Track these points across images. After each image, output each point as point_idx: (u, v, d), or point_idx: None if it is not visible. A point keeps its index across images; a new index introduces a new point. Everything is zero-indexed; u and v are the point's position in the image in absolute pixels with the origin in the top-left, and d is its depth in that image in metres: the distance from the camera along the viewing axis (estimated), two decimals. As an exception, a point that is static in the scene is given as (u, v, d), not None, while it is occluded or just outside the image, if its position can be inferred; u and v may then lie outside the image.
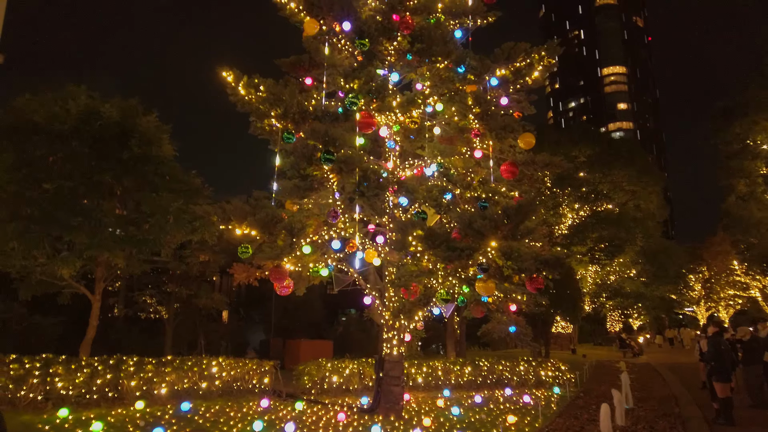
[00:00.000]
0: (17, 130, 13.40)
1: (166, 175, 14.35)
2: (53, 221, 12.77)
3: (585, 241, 34.24)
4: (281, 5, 10.88)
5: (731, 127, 29.22)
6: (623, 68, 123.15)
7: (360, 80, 9.67)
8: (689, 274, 48.52)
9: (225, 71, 10.11)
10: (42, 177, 13.16)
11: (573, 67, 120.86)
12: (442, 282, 9.36)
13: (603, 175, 35.57)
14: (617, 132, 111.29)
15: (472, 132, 10.40)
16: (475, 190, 10.58)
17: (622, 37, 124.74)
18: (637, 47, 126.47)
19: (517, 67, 11.09)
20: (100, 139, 13.55)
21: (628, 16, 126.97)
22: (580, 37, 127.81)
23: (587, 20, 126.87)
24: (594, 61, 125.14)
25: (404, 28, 9.80)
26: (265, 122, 10.33)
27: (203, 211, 9.77)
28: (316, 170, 9.29)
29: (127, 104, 14.18)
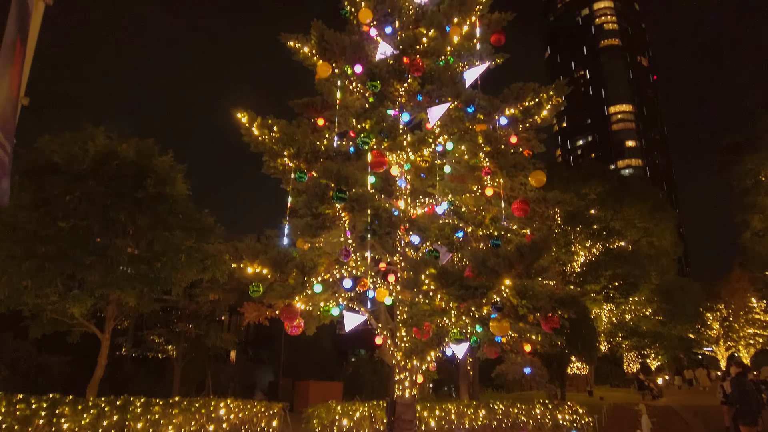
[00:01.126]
0: (37, 170, 13.75)
1: (180, 213, 14.54)
2: (67, 259, 12.90)
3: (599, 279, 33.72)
4: (295, 50, 11.25)
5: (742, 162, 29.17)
6: (630, 106, 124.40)
7: (371, 120, 9.84)
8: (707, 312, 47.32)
9: (240, 113, 10.36)
10: (58, 215, 13.40)
11: (580, 105, 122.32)
12: (455, 321, 9.20)
13: (614, 212, 35.38)
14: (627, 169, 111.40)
15: (482, 170, 10.45)
16: (486, 228, 10.54)
17: (628, 76, 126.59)
18: (642, 86, 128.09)
19: (525, 107, 11.23)
20: (116, 178, 13.84)
21: (633, 56, 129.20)
22: (586, 77, 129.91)
23: (592, 60, 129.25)
24: (600, 99, 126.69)
25: (414, 71, 10.04)
26: (278, 162, 10.49)
27: (215, 249, 9.81)
28: (328, 209, 9.34)
29: (144, 144, 14.54)
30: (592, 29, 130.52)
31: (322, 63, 10.49)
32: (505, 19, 11.90)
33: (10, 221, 12.94)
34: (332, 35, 10.30)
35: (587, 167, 44.15)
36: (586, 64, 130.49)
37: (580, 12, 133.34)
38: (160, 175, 14.20)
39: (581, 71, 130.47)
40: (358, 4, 11.32)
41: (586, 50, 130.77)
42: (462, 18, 11.52)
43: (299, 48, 11.19)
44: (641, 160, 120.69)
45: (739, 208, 30.83)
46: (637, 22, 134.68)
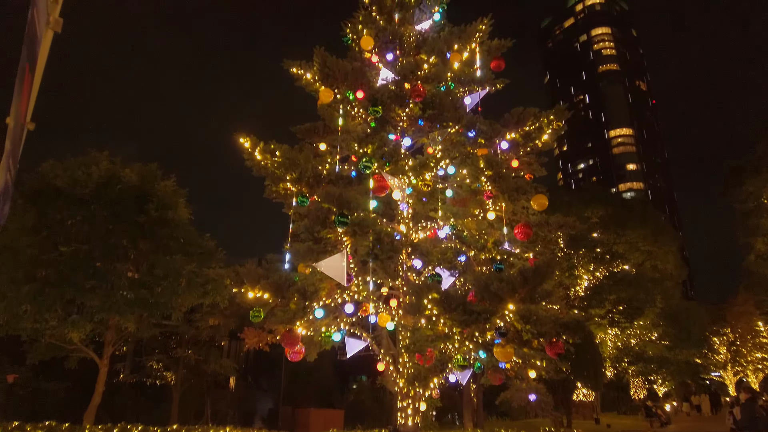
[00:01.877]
0: (40, 194, 13.80)
1: (181, 238, 14.52)
2: (67, 284, 12.84)
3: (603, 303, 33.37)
4: (298, 76, 11.39)
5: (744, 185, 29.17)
6: (630, 130, 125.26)
7: (373, 145, 9.90)
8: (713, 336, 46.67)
9: (243, 138, 10.43)
10: (60, 240, 13.39)
11: (580, 129, 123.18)
12: (458, 347, 9.07)
13: (617, 235, 35.23)
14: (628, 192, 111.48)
15: (484, 194, 10.46)
16: (489, 252, 10.48)
17: (627, 100, 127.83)
18: (642, 110, 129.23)
19: (526, 131, 11.31)
20: (118, 202, 13.87)
21: (631, 81, 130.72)
22: (586, 101, 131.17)
23: (591, 85, 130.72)
24: (600, 123, 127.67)
25: (416, 96, 10.14)
26: (280, 186, 10.51)
27: (216, 274, 9.77)
28: (330, 233, 9.32)
29: (147, 169, 14.62)
30: (590, 55, 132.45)
31: (324, 89, 10.61)
32: (504, 45, 12.09)
33: (12, 245, 12.93)
34: (334, 62, 10.45)
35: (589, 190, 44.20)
36: (585, 89, 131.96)
37: (578, 38, 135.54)
38: (163, 200, 14.23)
39: (581, 96, 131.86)
40: (360, 32, 11.52)
41: (585, 75, 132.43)
42: (462, 45, 11.70)
43: (302, 74, 11.34)
44: (642, 183, 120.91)
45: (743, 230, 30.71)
46: (634, 47, 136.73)
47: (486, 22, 11.81)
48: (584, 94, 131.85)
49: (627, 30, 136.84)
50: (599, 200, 36.39)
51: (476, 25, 11.78)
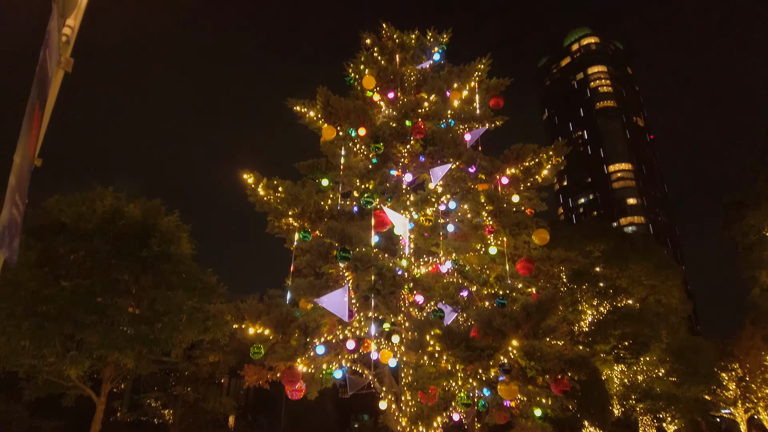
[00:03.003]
0: (44, 229, 13.92)
1: (183, 273, 14.54)
2: (68, 319, 12.78)
3: (608, 339, 32.88)
4: (301, 114, 11.66)
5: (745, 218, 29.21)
6: (629, 165, 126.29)
7: (375, 181, 10.03)
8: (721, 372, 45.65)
9: (246, 174, 10.58)
10: (62, 274, 13.41)
11: (580, 164, 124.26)
12: (461, 385, 8.92)
13: (620, 269, 35.05)
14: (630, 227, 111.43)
15: (485, 229, 10.52)
16: (491, 287, 10.45)
17: (625, 135, 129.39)
18: (640, 145, 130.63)
19: (526, 166, 11.46)
20: (121, 237, 13.96)
21: (628, 117, 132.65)
22: (584, 137, 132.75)
23: (589, 121, 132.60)
24: (599, 158, 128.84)
25: (417, 133, 10.35)
26: (282, 221, 10.60)
27: (217, 309, 9.72)
28: (332, 268, 9.34)
29: (151, 204, 14.77)
30: (587, 92, 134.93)
31: (327, 126, 10.84)
32: (503, 84, 12.39)
33: (14, 279, 12.94)
34: (337, 100, 10.71)
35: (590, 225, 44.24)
36: (583, 125, 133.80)
37: (575, 76, 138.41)
38: (166, 235, 14.32)
39: (579, 131, 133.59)
40: (362, 72, 11.86)
41: (582, 111, 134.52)
42: (461, 83, 12.01)
43: (305, 112, 11.60)
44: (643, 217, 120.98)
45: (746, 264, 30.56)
46: (630, 85, 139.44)
47: (485, 62, 12.15)
48: (583, 130, 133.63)
49: (622, 68, 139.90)
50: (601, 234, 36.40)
51: (475, 64, 12.13)
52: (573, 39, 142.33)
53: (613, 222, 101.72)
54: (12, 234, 2.47)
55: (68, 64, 2.95)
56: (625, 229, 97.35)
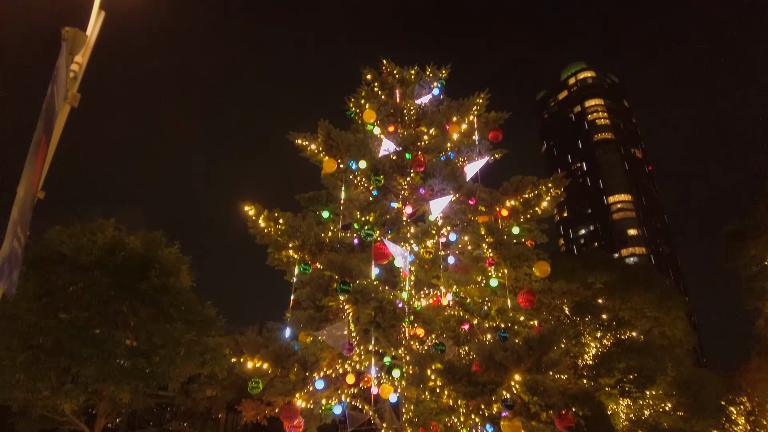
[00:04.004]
0: (44, 260, 13.91)
1: (182, 305, 14.45)
2: (64, 352, 12.63)
3: (612, 372, 32.27)
4: (303, 147, 11.81)
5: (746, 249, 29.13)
6: (628, 196, 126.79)
7: (375, 213, 10.08)
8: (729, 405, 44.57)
9: (248, 206, 10.64)
10: (60, 306, 13.34)
11: (579, 195, 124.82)
12: (464, 421, 8.73)
13: (622, 301, 34.74)
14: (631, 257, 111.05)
15: (486, 261, 10.49)
16: (493, 320, 10.36)
17: (624, 167, 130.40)
18: (638, 176, 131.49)
19: (526, 198, 11.52)
20: (121, 269, 13.94)
21: (627, 149, 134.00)
22: (583, 169, 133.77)
23: (588, 153, 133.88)
24: (599, 189, 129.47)
25: (417, 166, 10.47)
26: (283, 253, 10.59)
27: (215, 343, 9.65)
28: (332, 301, 9.29)
29: (151, 236, 14.80)
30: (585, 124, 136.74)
31: (328, 159, 10.97)
32: (501, 117, 12.59)
33: (12, 311, 12.85)
34: (338, 134, 10.88)
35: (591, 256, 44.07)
36: (582, 157, 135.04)
37: (573, 109, 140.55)
38: (166, 267, 14.30)
39: (578, 163, 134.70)
40: (363, 106, 12.08)
41: (581, 144, 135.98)
42: (460, 117, 12.22)
43: (306, 145, 11.76)
44: (645, 248, 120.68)
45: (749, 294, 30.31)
46: (627, 117, 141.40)
47: (483, 96, 12.39)
48: (581, 161, 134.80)
49: (619, 101, 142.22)
50: (602, 266, 36.23)
51: (473, 98, 12.36)
52: (570, 73, 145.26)
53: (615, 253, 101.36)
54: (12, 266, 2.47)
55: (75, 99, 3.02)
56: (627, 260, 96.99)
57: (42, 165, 2.80)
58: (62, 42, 2.78)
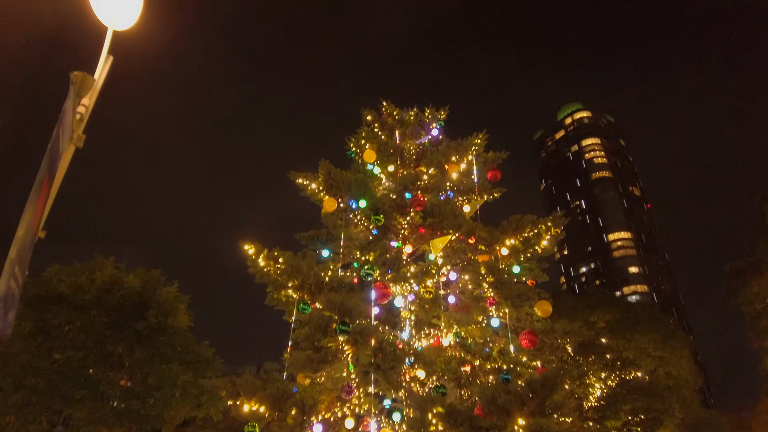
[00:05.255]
0: (41, 299, 13.80)
1: (179, 345, 14.27)
2: (56, 393, 12.37)
3: (618, 414, 31.43)
4: (303, 186, 11.93)
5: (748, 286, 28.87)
6: (628, 233, 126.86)
7: (375, 252, 10.08)
8: (740, 449, 43.16)
9: (247, 245, 10.64)
10: (55, 346, 13.16)
11: (579, 233, 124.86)
12: (466, 467, 8.46)
13: (626, 340, 34.18)
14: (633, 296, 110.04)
15: (487, 300, 10.42)
16: (495, 361, 10.18)
17: (622, 205, 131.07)
18: (637, 214, 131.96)
19: (525, 237, 11.54)
20: (119, 308, 13.83)
21: (625, 187, 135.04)
22: (582, 206, 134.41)
23: (586, 191, 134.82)
24: (599, 227, 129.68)
25: (416, 205, 10.54)
26: (282, 293, 10.52)
27: (211, 384, 9.44)
28: (331, 342, 9.16)
29: (150, 275, 14.74)
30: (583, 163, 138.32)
31: (328, 198, 11.06)
32: (499, 157, 12.77)
33: (5, 351, 12.65)
34: (338, 173, 11.01)
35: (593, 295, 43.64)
36: (580, 195, 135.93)
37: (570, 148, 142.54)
38: (163, 306, 14.19)
39: (577, 201, 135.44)
40: (363, 146, 12.28)
41: (579, 182, 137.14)
42: (459, 157, 12.40)
43: (307, 184, 11.88)
44: (647, 286, 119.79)
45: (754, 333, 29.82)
46: (624, 155, 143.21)
47: (481, 137, 12.61)
48: (580, 199, 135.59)
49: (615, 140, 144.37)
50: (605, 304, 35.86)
51: (472, 139, 12.58)
52: (566, 113, 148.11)
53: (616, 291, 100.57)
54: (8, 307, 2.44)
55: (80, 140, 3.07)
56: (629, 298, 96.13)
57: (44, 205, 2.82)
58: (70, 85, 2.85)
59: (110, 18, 2.99)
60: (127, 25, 3.10)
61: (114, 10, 2.96)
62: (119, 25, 3.06)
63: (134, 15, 3.06)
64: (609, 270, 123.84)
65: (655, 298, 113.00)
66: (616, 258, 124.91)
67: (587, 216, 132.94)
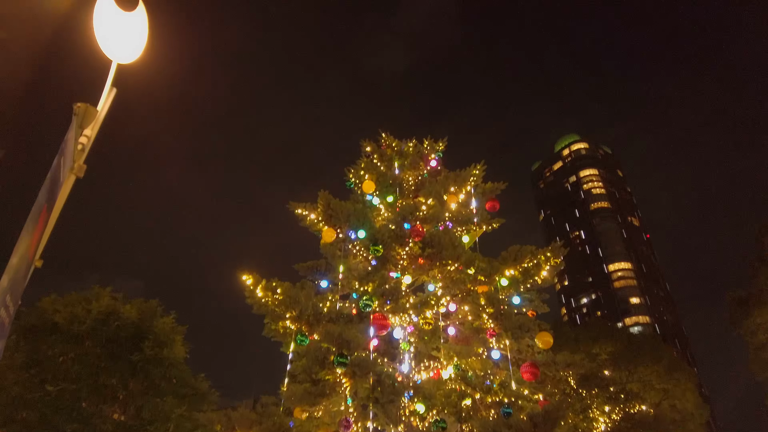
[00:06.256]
0: (36, 329, 13.64)
1: (174, 378, 14.03)
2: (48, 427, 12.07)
3: (623, 451, 30.62)
4: (302, 217, 11.95)
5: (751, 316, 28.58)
6: (628, 264, 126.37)
7: (374, 283, 10.02)
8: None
9: (246, 275, 10.59)
10: (48, 378, 12.92)
11: (579, 264, 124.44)
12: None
13: (629, 372, 33.64)
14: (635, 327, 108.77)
15: (487, 332, 10.30)
16: (496, 394, 9.98)
17: (622, 235, 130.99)
18: (637, 244, 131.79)
19: (525, 268, 11.50)
20: (114, 339, 13.66)
21: (623, 217, 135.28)
22: (582, 237, 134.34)
23: (585, 222, 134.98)
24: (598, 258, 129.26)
25: (415, 236, 10.54)
26: (280, 324, 10.41)
27: (206, 419, 9.24)
28: (329, 374, 9.00)
29: (147, 305, 14.62)
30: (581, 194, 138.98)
31: (327, 229, 11.07)
32: (498, 188, 12.86)
33: (-2, 383, 12.42)
34: (338, 204, 11.05)
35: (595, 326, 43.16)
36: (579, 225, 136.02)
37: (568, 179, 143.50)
38: (160, 337, 14.01)
39: (576, 232, 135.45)
40: (362, 177, 12.37)
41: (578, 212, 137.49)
42: (458, 188, 12.48)
43: (306, 215, 11.91)
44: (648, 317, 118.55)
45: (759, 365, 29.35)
46: (622, 186, 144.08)
47: (479, 167, 12.73)
48: (579, 230, 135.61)
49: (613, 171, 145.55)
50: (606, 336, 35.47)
51: (470, 170, 12.68)
52: (563, 145, 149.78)
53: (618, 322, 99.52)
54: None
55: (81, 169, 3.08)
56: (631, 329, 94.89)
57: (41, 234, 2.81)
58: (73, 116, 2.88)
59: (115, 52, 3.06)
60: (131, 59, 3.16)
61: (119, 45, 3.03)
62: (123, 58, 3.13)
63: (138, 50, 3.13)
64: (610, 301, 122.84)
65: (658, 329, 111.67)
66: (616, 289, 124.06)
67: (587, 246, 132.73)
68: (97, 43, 3.06)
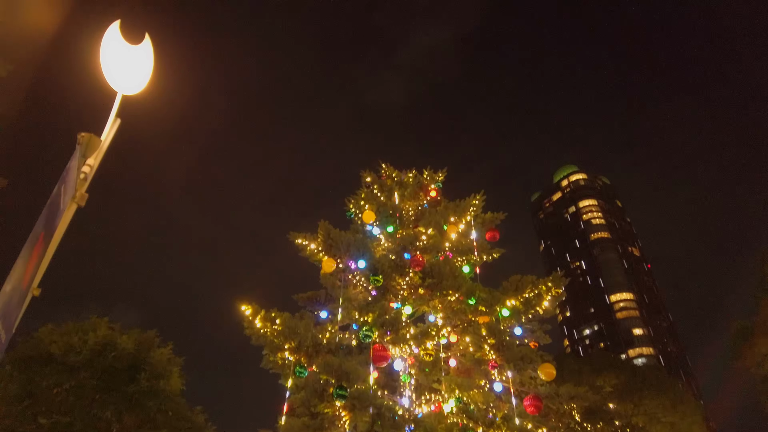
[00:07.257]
0: (31, 360, 13.42)
1: (170, 411, 13.73)
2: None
3: (632, 488, 29.70)
4: (302, 247, 11.94)
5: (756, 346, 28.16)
6: (630, 294, 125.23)
7: (374, 313, 9.93)
8: None
9: (245, 306, 10.50)
10: (42, 410, 12.63)
11: (581, 295, 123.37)
12: None
13: (634, 406, 32.95)
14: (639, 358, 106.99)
15: (489, 364, 10.14)
16: (498, 428, 9.75)
17: (622, 265, 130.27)
18: (638, 274, 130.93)
19: (526, 298, 11.42)
20: (110, 371, 13.43)
21: (624, 247, 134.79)
22: (582, 267, 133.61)
23: (586, 252, 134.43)
24: (600, 288, 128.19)
25: (415, 266, 10.51)
26: (278, 356, 10.27)
27: (203, 454, 8.99)
28: (328, 407, 8.83)
29: (144, 336, 14.43)
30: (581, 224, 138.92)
31: (327, 259, 11.05)
32: (497, 218, 12.89)
33: (-12, 416, 12.13)
34: (338, 234, 11.06)
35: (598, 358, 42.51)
36: (580, 256, 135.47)
37: (567, 209, 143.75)
38: (156, 368, 13.78)
39: (576, 262, 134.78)
40: (362, 207, 12.43)
41: (578, 243, 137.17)
42: (458, 218, 12.52)
43: (306, 245, 11.90)
44: (652, 348, 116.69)
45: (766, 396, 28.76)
46: (621, 216, 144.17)
47: (479, 197, 12.80)
48: (580, 260, 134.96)
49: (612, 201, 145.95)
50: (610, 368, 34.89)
51: (470, 200, 12.75)
52: (562, 176, 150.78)
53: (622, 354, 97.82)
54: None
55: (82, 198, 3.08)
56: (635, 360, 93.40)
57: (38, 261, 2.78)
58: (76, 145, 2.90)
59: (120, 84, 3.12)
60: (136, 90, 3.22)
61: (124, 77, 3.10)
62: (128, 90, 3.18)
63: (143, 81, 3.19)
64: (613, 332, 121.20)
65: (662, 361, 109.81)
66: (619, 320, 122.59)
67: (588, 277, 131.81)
68: (103, 74, 3.12)
